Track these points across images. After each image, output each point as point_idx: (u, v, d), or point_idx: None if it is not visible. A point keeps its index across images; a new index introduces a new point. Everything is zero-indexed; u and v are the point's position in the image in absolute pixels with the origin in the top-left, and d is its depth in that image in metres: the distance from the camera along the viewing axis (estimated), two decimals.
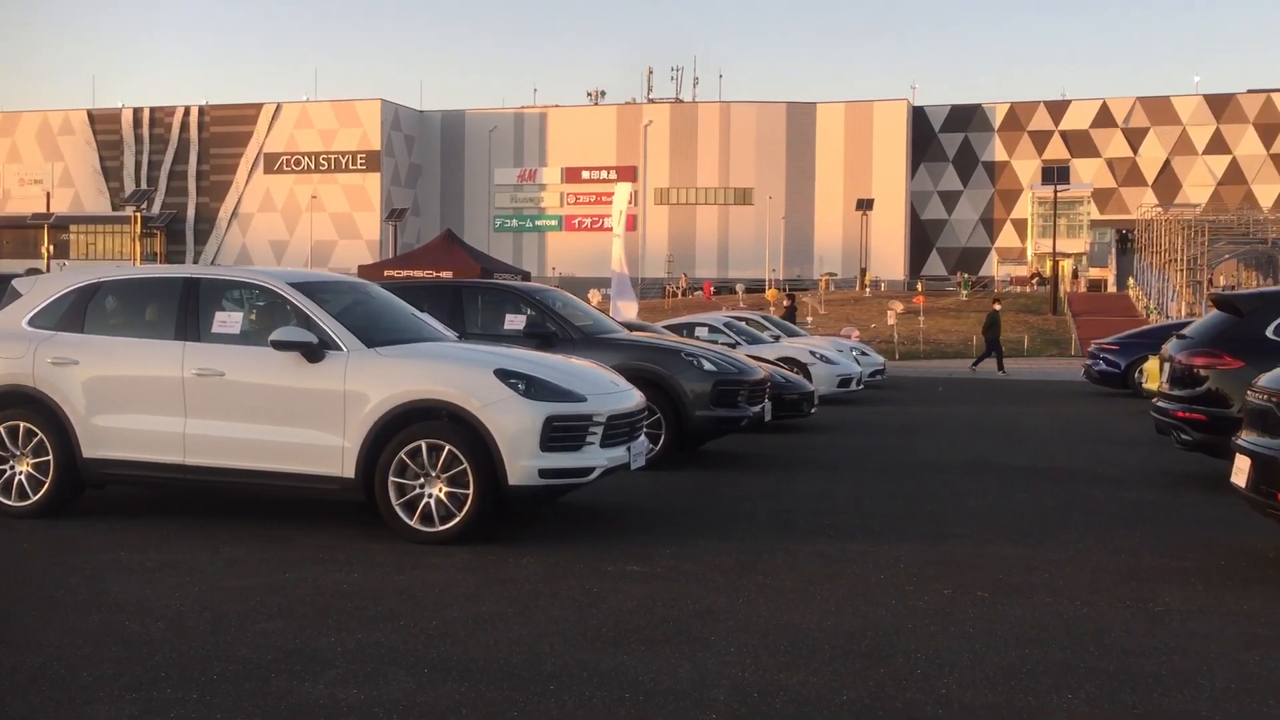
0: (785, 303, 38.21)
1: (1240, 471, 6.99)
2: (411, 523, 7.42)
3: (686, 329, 19.61)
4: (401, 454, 7.43)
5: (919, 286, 65.63)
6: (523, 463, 7.36)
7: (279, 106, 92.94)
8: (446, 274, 28.82)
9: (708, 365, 11.62)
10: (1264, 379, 7.18)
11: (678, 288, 71.25)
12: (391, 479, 7.44)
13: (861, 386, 20.96)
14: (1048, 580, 6.68)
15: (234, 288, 8.48)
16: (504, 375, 7.56)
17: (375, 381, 7.57)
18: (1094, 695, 4.70)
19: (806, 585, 6.51)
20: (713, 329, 20.14)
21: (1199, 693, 4.74)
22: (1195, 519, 8.78)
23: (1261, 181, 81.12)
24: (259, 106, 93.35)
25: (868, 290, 64.20)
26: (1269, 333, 10.19)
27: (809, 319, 44.25)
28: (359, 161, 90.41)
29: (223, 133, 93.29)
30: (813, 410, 15.39)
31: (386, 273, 30.29)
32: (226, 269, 9.10)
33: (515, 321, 12.09)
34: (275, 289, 8.12)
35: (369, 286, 9.25)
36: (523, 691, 4.67)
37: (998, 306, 32.77)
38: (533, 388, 7.55)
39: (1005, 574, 6.83)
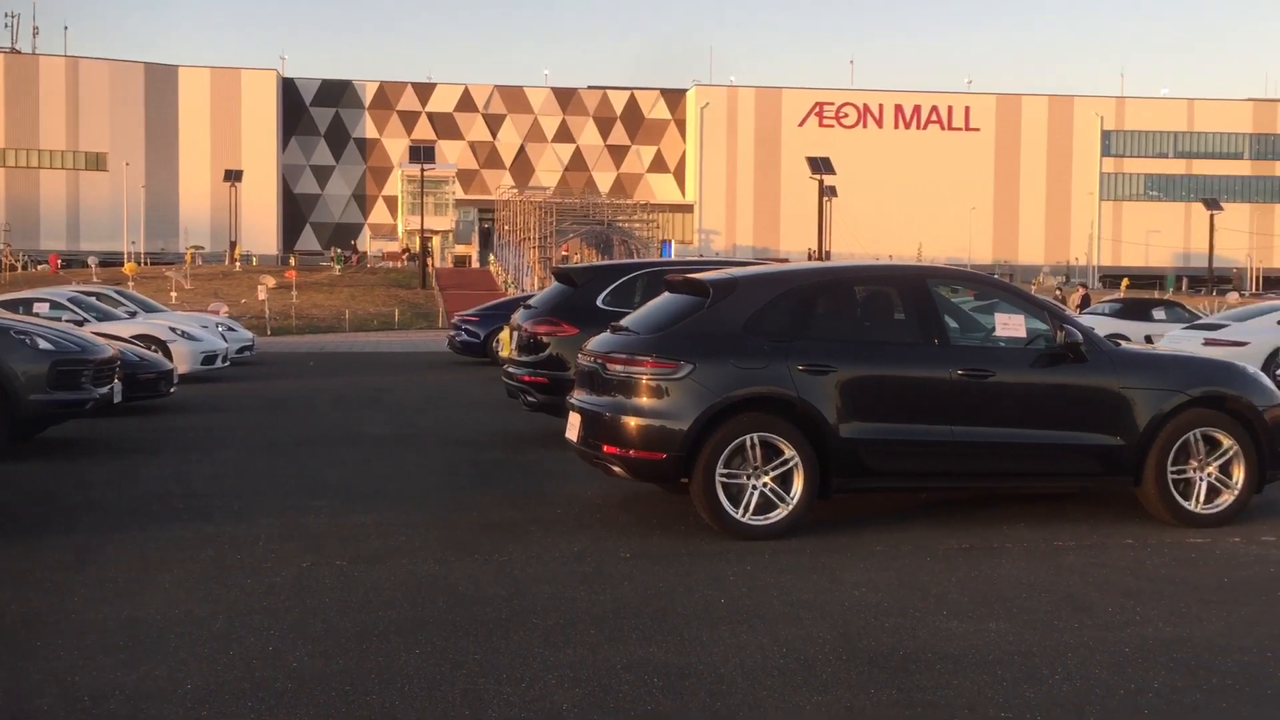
0: None
1: (573, 427, 7.72)
2: None
3: (24, 305, 17.63)
4: None
5: (292, 261, 64.64)
6: None
7: None
8: None
9: (43, 344, 10.46)
10: (591, 343, 7.97)
11: (15, 261, 63.41)
12: None
13: (228, 363, 20.19)
14: (405, 543, 6.90)
15: None
16: None
17: None
18: (440, 647, 4.92)
19: (154, 574, 6.11)
20: (56, 305, 18.29)
21: (531, 631, 5.16)
22: (538, 473, 9.57)
23: (600, 169, 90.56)
24: None
25: (238, 264, 61.97)
26: (599, 302, 11.35)
27: (173, 294, 41.72)
28: None
29: None
30: (172, 389, 14.54)
31: None
32: None
33: None
34: None
35: None
36: None
37: None
38: None
39: (364, 541, 6.93)
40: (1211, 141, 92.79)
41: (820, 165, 54.61)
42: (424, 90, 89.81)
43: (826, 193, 54.91)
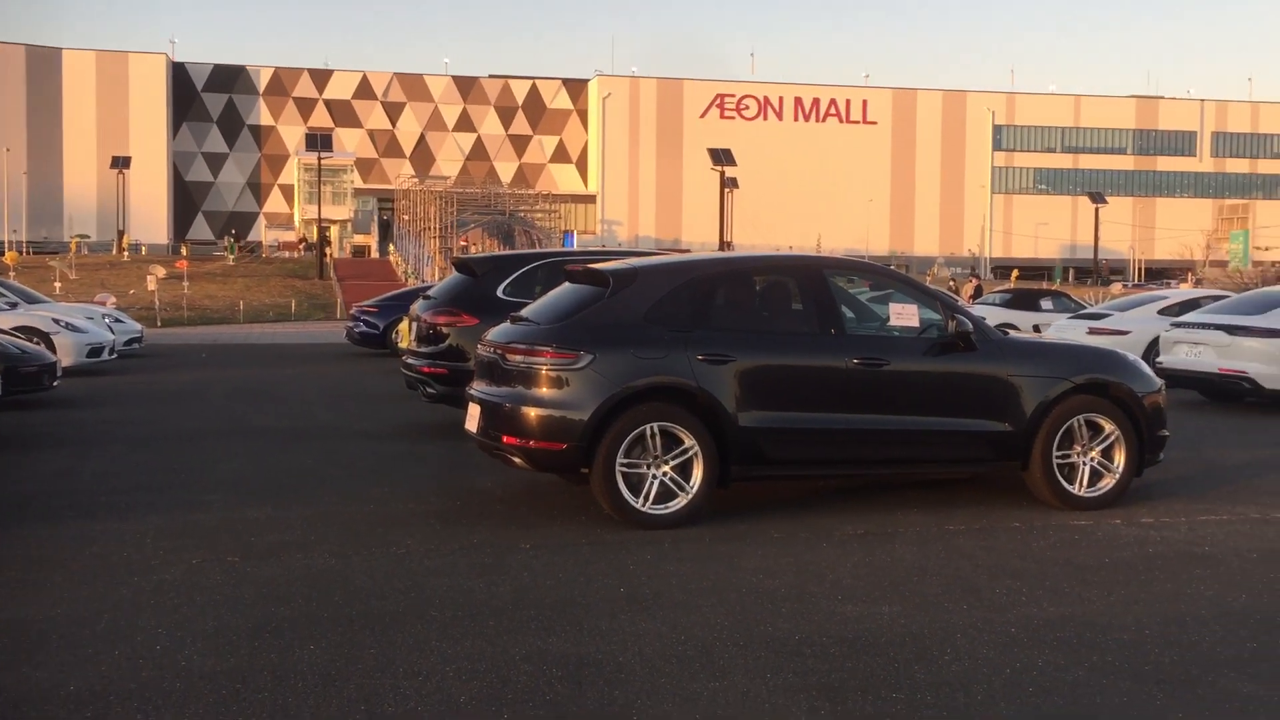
0: None
1: (472, 418, 7.66)
2: None
3: None
4: None
5: (184, 250, 63.00)
6: None
7: None
8: None
9: None
10: (491, 333, 7.91)
11: None
12: None
13: (115, 356, 19.56)
14: (300, 537, 6.78)
15: None
16: None
17: None
18: (336, 642, 4.85)
19: (36, 573, 5.92)
20: None
21: (429, 624, 5.11)
22: (438, 465, 9.48)
23: (502, 159, 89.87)
24: None
25: (126, 254, 60.11)
26: (500, 292, 11.26)
27: (56, 285, 40.31)
28: None
29: None
30: (56, 383, 14.07)
31: None
32: None
33: None
34: None
35: None
36: None
37: None
38: None
39: (258, 536, 6.79)
40: (1097, 137, 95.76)
41: (722, 157, 54.98)
42: (321, 77, 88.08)
43: (728, 184, 55.33)
